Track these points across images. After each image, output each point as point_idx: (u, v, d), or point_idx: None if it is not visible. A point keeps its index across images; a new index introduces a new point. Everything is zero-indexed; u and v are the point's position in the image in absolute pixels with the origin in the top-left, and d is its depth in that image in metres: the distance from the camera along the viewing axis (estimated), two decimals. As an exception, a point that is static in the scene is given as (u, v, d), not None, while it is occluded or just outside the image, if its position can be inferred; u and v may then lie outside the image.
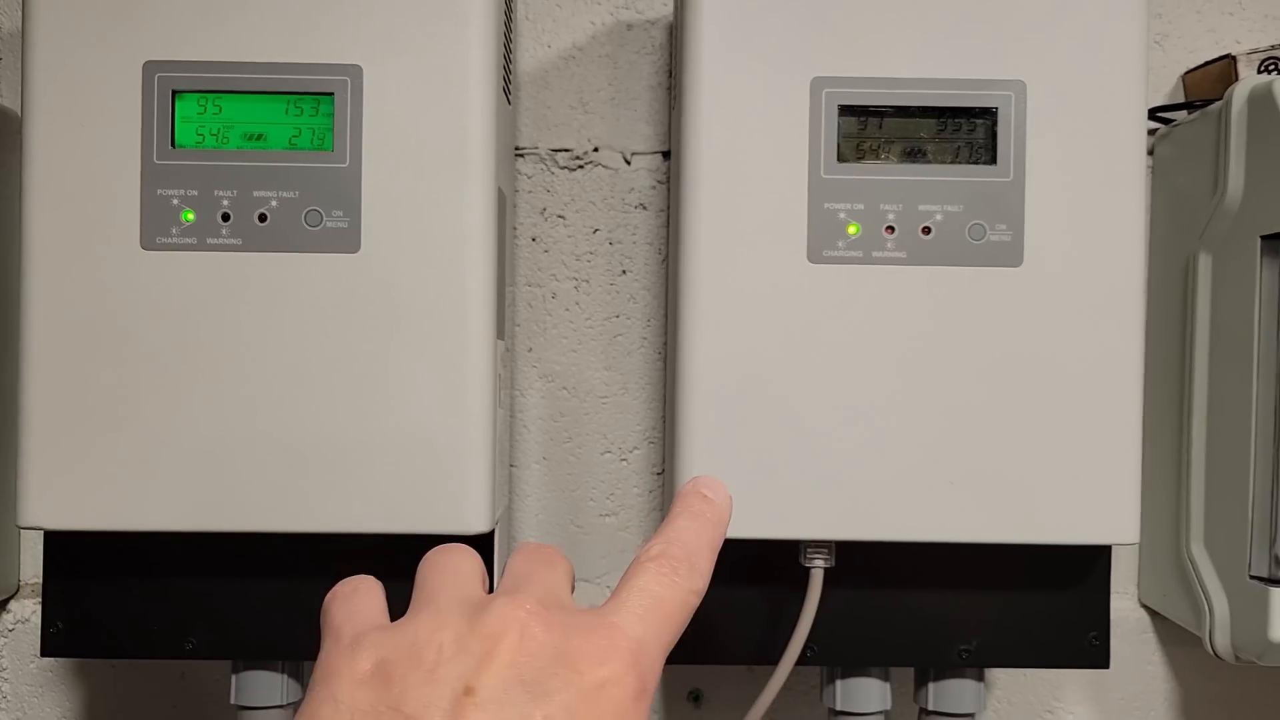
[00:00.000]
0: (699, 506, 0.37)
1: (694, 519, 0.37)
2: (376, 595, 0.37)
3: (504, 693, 0.29)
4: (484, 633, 0.30)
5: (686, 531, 0.36)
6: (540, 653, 0.30)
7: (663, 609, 0.33)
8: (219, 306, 0.56)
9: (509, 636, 0.30)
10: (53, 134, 0.56)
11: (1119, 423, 0.58)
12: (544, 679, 0.29)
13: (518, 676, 0.29)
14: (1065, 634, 0.63)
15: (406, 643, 0.31)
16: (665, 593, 0.33)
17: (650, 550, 0.35)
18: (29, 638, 0.75)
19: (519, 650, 0.30)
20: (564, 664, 0.30)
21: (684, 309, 0.59)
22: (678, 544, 0.35)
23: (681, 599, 0.34)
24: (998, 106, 0.57)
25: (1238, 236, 0.65)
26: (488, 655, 0.30)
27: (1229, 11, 0.77)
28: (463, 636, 0.30)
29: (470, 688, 0.29)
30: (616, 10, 0.76)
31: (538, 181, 0.76)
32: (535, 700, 0.29)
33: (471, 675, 0.29)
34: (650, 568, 0.34)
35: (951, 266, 0.57)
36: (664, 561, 0.34)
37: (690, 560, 0.35)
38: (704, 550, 0.36)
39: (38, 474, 0.56)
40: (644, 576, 0.34)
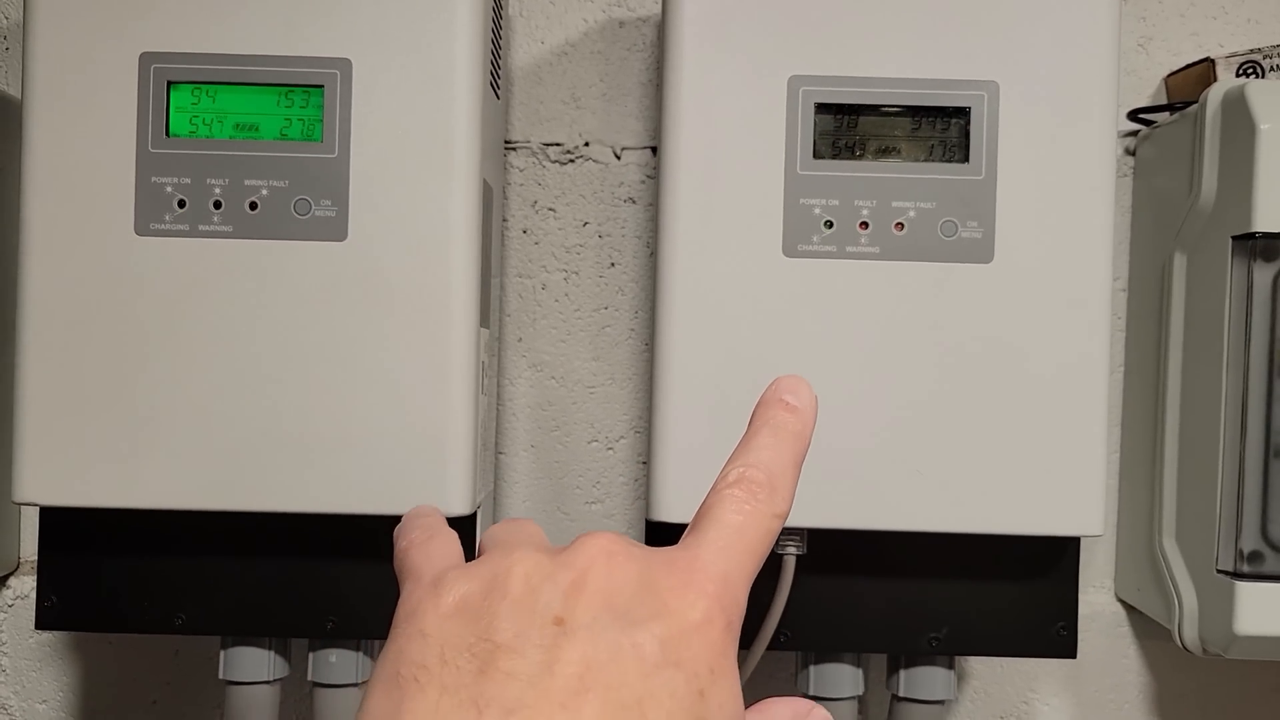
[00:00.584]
0: (781, 416, 0.34)
1: (775, 433, 0.34)
2: (453, 540, 0.35)
3: (594, 620, 0.28)
4: (569, 563, 0.30)
5: (767, 450, 0.33)
6: (628, 582, 0.29)
7: (744, 540, 0.31)
8: (210, 291, 0.58)
9: (596, 566, 0.29)
10: (51, 122, 0.58)
11: (1086, 417, 0.59)
12: (633, 608, 0.28)
13: (606, 604, 0.28)
14: (1034, 624, 0.65)
15: (490, 575, 0.30)
16: (746, 521, 0.31)
17: (728, 476, 0.33)
18: (28, 613, 0.77)
19: (607, 578, 0.29)
20: (652, 596, 0.29)
21: (663, 301, 0.60)
22: (758, 466, 0.33)
23: (764, 525, 0.32)
24: (971, 106, 0.59)
25: (1210, 237, 0.66)
26: (575, 585, 0.29)
27: (1212, 15, 0.78)
28: (547, 568, 0.30)
29: (560, 617, 0.28)
30: (609, 8, 0.78)
31: (529, 175, 0.78)
32: (625, 628, 0.28)
33: (560, 605, 0.28)
34: (728, 496, 0.32)
35: (923, 262, 0.59)
36: (742, 487, 0.32)
37: (771, 483, 0.32)
38: (786, 469, 0.33)
39: (33, 451, 0.58)
40: (722, 507, 0.32)
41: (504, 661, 0.27)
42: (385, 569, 0.54)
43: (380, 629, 0.63)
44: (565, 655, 0.27)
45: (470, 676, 0.27)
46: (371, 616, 0.63)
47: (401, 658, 0.28)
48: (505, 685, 0.27)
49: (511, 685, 0.27)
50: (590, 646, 0.27)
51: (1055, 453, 0.59)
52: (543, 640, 0.27)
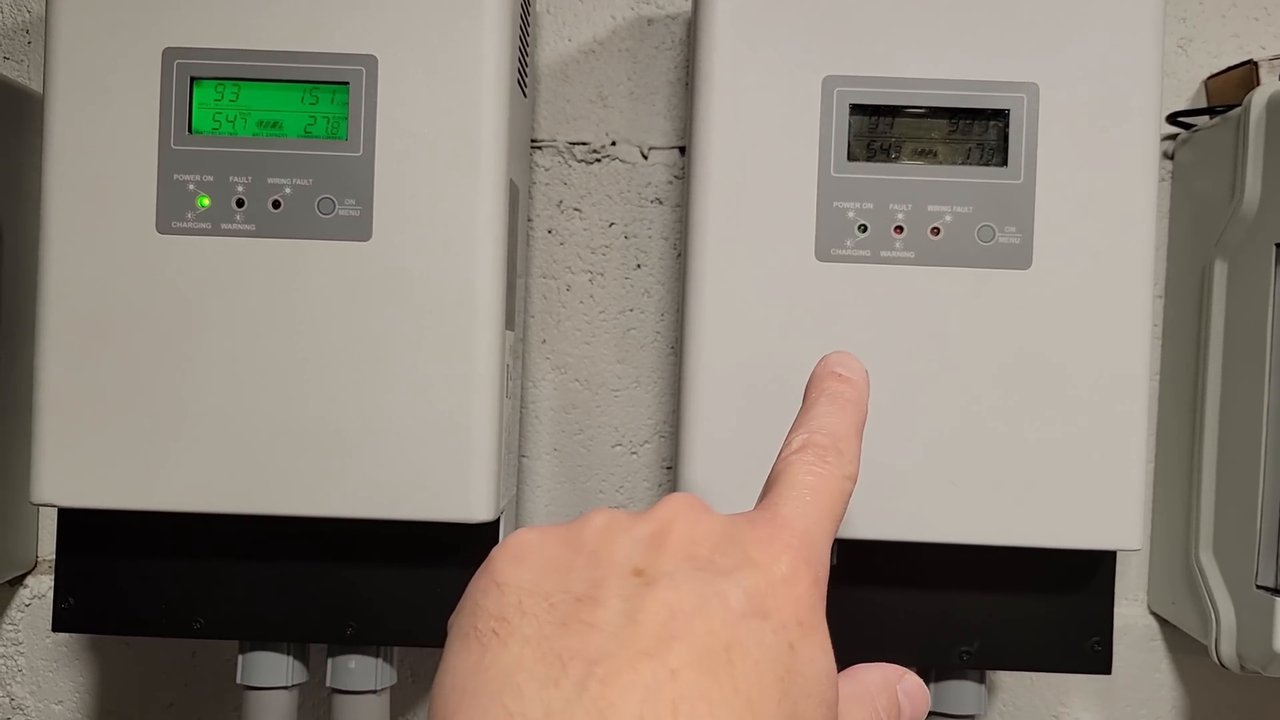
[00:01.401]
0: (835, 387, 0.35)
1: (832, 401, 0.34)
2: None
3: (676, 569, 0.27)
4: (649, 517, 0.29)
5: (827, 416, 0.33)
6: (710, 534, 0.29)
7: (820, 500, 0.31)
8: (231, 291, 0.57)
9: (678, 520, 0.29)
10: (72, 118, 0.57)
11: (1126, 428, 0.58)
12: (716, 558, 0.28)
13: (688, 555, 0.28)
14: (1068, 638, 0.63)
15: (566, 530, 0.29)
16: (819, 483, 0.31)
17: (793, 443, 0.32)
18: (46, 613, 0.76)
19: (689, 530, 0.29)
20: (737, 547, 0.28)
21: (693, 305, 0.59)
22: (820, 431, 0.32)
23: (837, 486, 0.31)
24: (1010, 108, 0.57)
25: (1253, 244, 0.64)
26: (655, 536, 0.28)
27: (1254, 17, 0.76)
28: (627, 522, 0.29)
29: (640, 568, 0.27)
30: (637, 5, 0.76)
31: (555, 174, 0.77)
32: (709, 579, 0.27)
33: (640, 556, 0.28)
34: (796, 460, 0.32)
35: (960, 268, 0.57)
36: (810, 451, 0.32)
37: (837, 447, 0.32)
38: (850, 433, 0.33)
39: (52, 452, 0.57)
40: (792, 470, 0.31)
41: (585, 612, 0.26)
42: (406, 574, 0.53)
43: (401, 635, 0.63)
44: (648, 604, 0.26)
45: (551, 628, 0.26)
46: (392, 622, 0.62)
47: (478, 611, 0.27)
48: (588, 636, 0.26)
49: (594, 636, 0.26)
50: (673, 594, 0.26)
51: (1093, 464, 0.58)
52: (623, 590, 0.27)
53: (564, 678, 0.25)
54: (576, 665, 0.25)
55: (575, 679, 0.25)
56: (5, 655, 0.77)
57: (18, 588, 0.76)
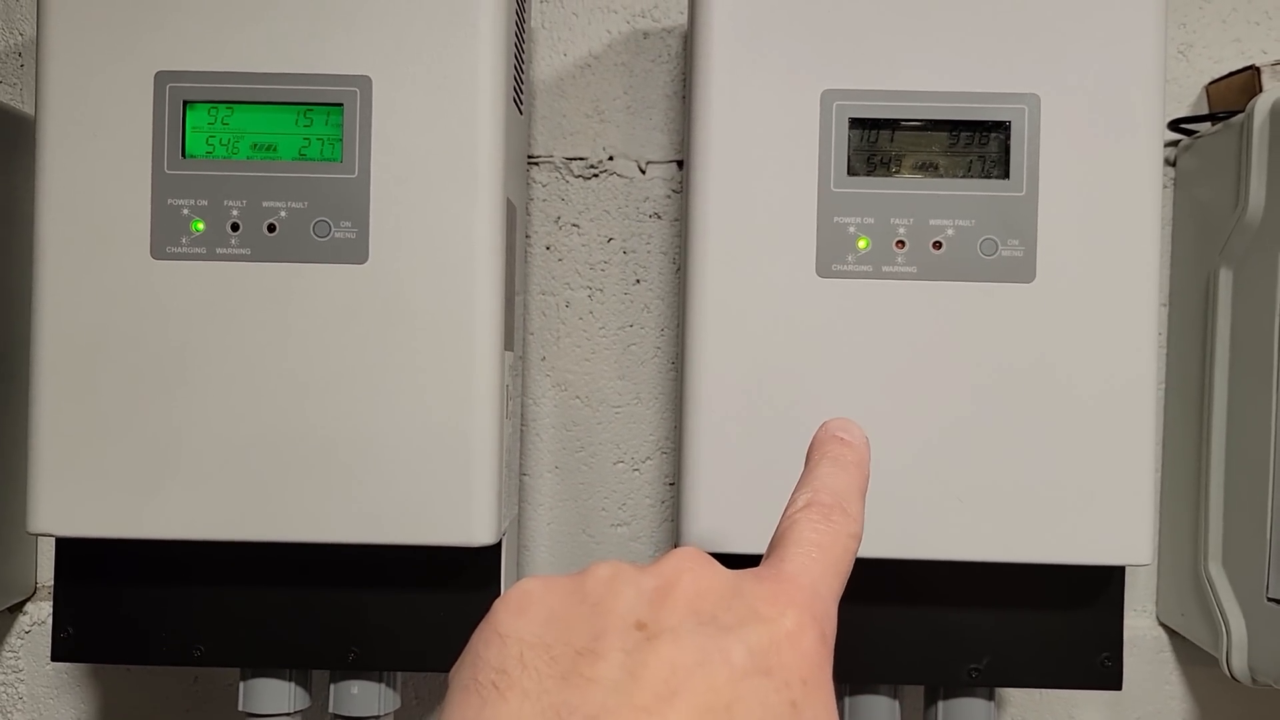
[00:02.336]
0: (837, 451, 0.35)
1: (835, 463, 0.34)
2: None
3: (679, 625, 0.27)
4: (655, 571, 0.29)
5: (831, 478, 0.34)
6: (715, 589, 0.28)
7: (826, 556, 0.31)
8: (228, 316, 0.57)
9: (683, 575, 0.29)
10: (65, 143, 0.57)
11: (1134, 442, 0.57)
12: (720, 614, 0.28)
13: (692, 610, 0.28)
14: (1077, 654, 0.62)
15: (570, 581, 0.29)
16: (825, 540, 0.31)
17: (798, 502, 0.33)
18: (46, 640, 0.75)
19: (694, 585, 0.28)
20: (742, 603, 0.28)
21: (693, 320, 0.58)
22: (825, 491, 0.33)
23: (843, 544, 0.31)
24: (1011, 120, 0.57)
25: (1258, 251, 0.63)
26: (659, 590, 0.28)
27: (1255, 21, 0.75)
28: (632, 575, 0.29)
29: (643, 622, 0.27)
30: (633, 19, 0.76)
31: (552, 190, 0.76)
32: (712, 635, 0.27)
33: (644, 610, 0.28)
34: (802, 518, 0.32)
35: (963, 282, 0.57)
36: (815, 509, 0.32)
37: (841, 505, 0.32)
38: (854, 494, 0.33)
39: (47, 481, 0.57)
40: (799, 527, 0.31)
41: (586, 667, 0.26)
42: (408, 598, 0.52)
43: (403, 660, 0.62)
44: (649, 660, 0.26)
45: (551, 681, 0.26)
46: (394, 648, 0.62)
47: (479, 663, 0.27)
48: (588, 691, 0.26)
49: (594, 691, 0.26)
50: (675, 650, 0.26)
51: (1100, 479, 0.57)
52: (625, 645, 0.27)
53: None
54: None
55: None
56: (5, 682, 0.76)
57: (17, 614, 0.76)
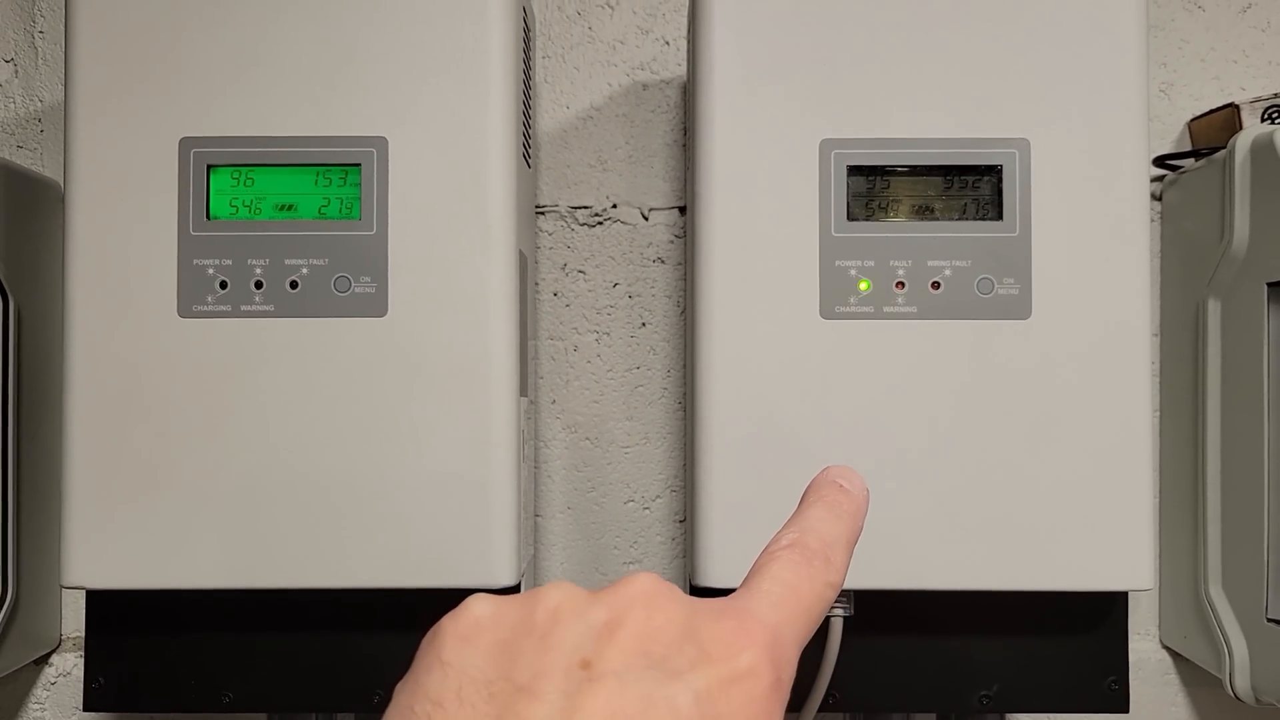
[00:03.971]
0: (834, 497, 0.34)
1: (829, 510, 0.33)
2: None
3: (625, 667, 0.26)
4: (607, 602, 0.28)
5: (821, 522, 0.32)
6: (668, 629, 0.27)
7: (798, 599, 0.30)
8: (253, 370, 0.59)
9: (635, 609, 0.27)
10: (93, 207, 0.59)
11: (1131, 471, 0.59)
12: (671, 656, 0.26)
13: (641, 650, 0.26)
14: (1084, 678, 0.64)
15: (520, 608, 0.28)
16: (800, 583, 0.30)
17: (782, 540, 0.31)
18: (70, 690, 0.77)
19: (645, 623, 0.27)
20: (694, 644, 0.27)
21: (701, 364, 0.60)
22: (813, 534, 0.32)
23: (818, 591, 0.30)
24: (1002, 164, 0.59)
25: (1245, 283, 0.66)
26: (609, 626, 0.27)
27: (1233, 59, 0.78)
28: (582, 606, 0.28)
29: (588, 660, 0.26)
30: (632, 72, 0.79)
31: (558, 238, 0.78)
32: (660, 680, 0.26)
33: (590, 647, 0.26)
34: (783, 556, 0.31)
35: (961, 320, 0.59)
36: (798, 551, 0.31)
37: (826, 553, 0.31)
38: (840, 543, 0.32)
39: (80, 535, 0.59)
40: (776, 564, 0.30)
41: (522, 707, 0.25)
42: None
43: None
44: (587, 704, 0.25)
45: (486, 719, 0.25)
46: (418, 689, 0.63)
47: (418, 691, 0.27)
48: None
49: None
50: (618, 697, 0.25)
51: (1101, 507, 0.59)
52: (566, 685, 0.25)
53: None
54: None
55: None
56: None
57: (43, 666, 0.77)
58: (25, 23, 0.78)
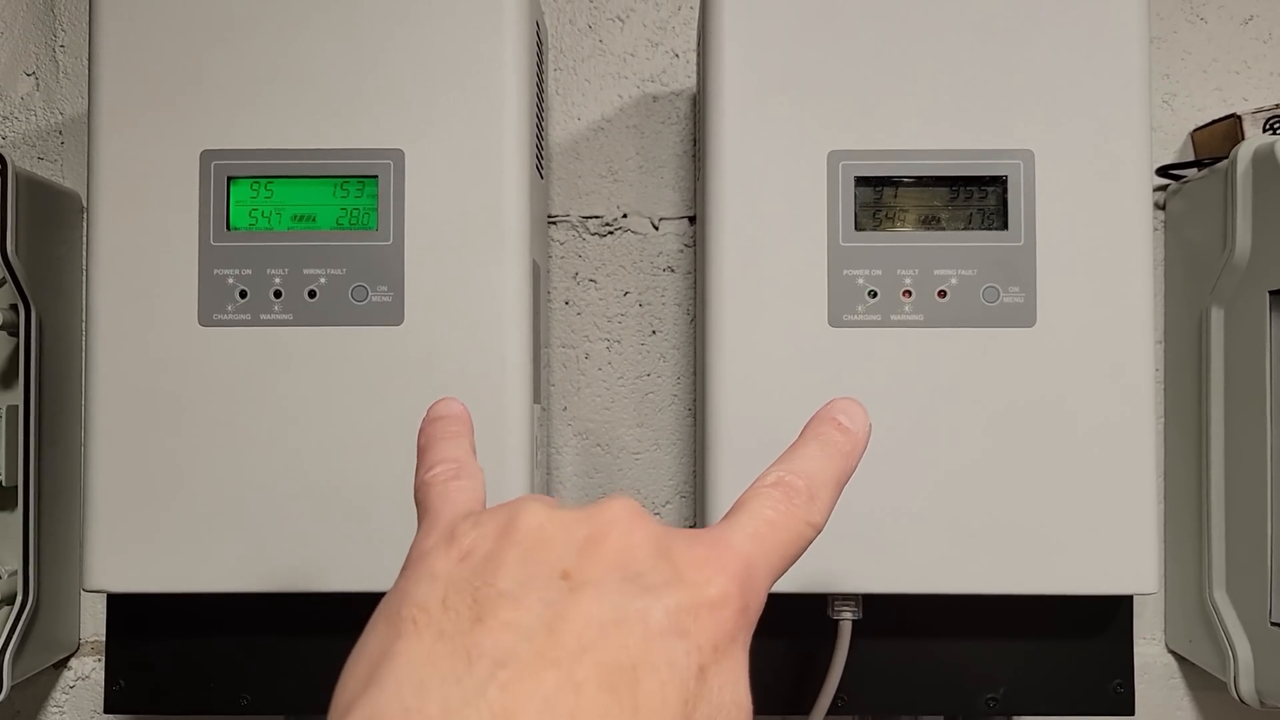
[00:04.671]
0: (831, 434, 0.34)
1: (823, 447, 0.33)
2: (477, 482, 0.34)
3: (603, 579, 0.27)
4: (589, 520, 0.29)
5: (811, 461, 0.33)
6: (644, 546, 0.28)
7: (775, 534, 0.30)
8: (272, 378, 0.60)
9: (615, 527, 0.28)
10: (117, 218, 0.60)
11: (1136, 476, 0.60)
12: (646, 573, 0.27)
13: (619, 564, 0.27)
14: (1090, 682, 0.65)
15: (506, 521, 0.29)
16: (779, 519, 0.30)
17: (767, 477, 0.32)
18: (89, 694, 0.78)
19: (624, 540, 0.28)
20: (668, 564, 0.28)
21: (712, 371, 0.61)
22: (799, 474, 0.32)
23: (797, 529, 0.31)
24: (1007, 175, 0.60)
25: (1247, 291, 0.67)
26: (590, 540, 0.28)
27: (1234, 70, 0.79)
28: (565, 522, 0.29)
29: (568, 571, 0.27)
30: (642, 84, 0.80)
31: (570, 247, 0.80)
32: (634, 594, 0.27)
33: (571, 560, 0.27)
34: (765, 493, 0.31)
35: (967, 328, 0.60)
36: (781, 489, 0.31)
37: (810, 491, 0.32)
38: (828, 483, 0.32)
39: (103, 540, 0.60)
40: (758, 501, 0.31)
41: (504, 611, 0.26)
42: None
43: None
44: (567, 612, 0.26)
45: (468, 623, 0.26)
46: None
47: (405, 597, 0.28)
48: (500, 636, 0.26)
49: (506, 636, 0.26)
50: (595, 605, 0.26)
51: (1106, 512, 0.60)
52: (546, 593, 0.27)
53: (468, 676, 0.25)
54: (483, 665, 0.25)
55: (479, 679, 0.25)
56: (49, 738, 0.78)
57: (62, 670, 0.78)
58: (46, 37, 0.80)
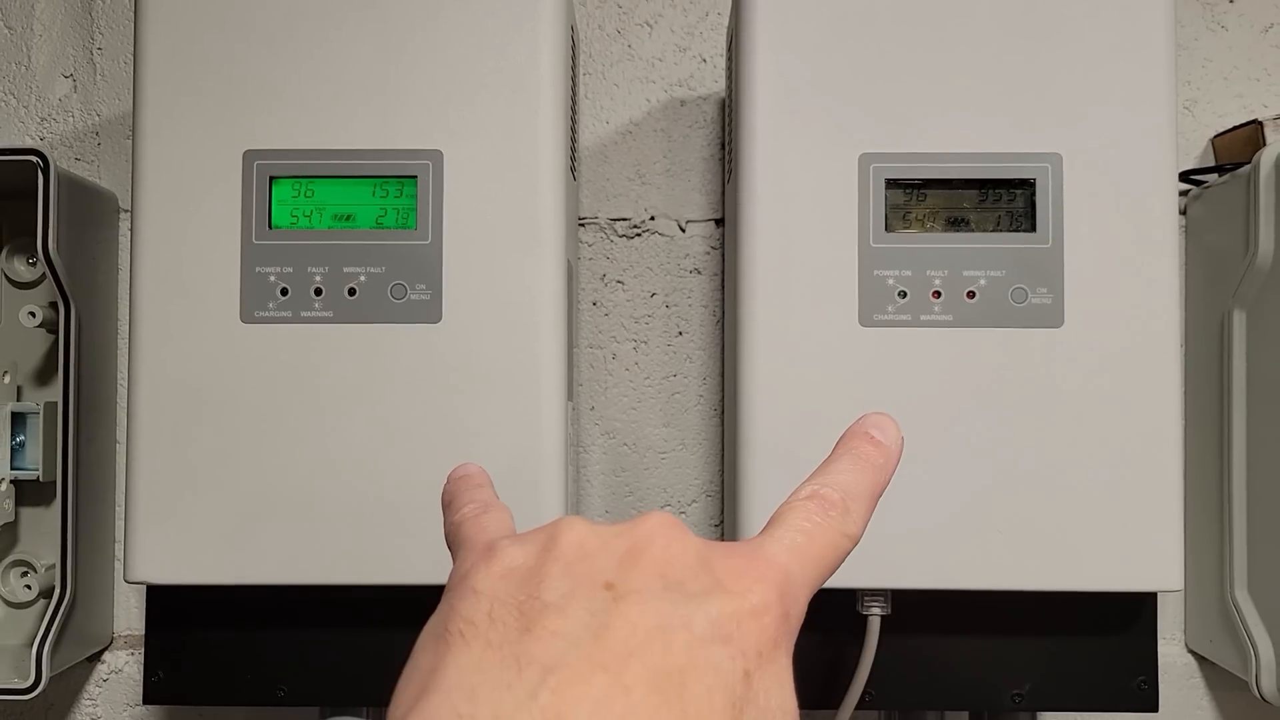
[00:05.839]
0: (864, 448, 0.34)
1: (856, 461, 0.34)
2: (506, 514, 0.35)
3: (646, 588, 0.28)
4: (629, 534, 0.29)
5: (845, 474, 0.33)
6: (684, 557, 0.29)
7: (812, 546, 0.31)
8: (312, 374, 0.61)
9: (655, 539, 0.29)
10: (161, 217, 0.61)
11: (1161, 474, 0.61)
12: (687, 581, 0.28)
13: (659, 574, 0.28)
14: (1115, 678, 0.66)
15: (546, 539, 0.30)
16: (816, 531, 0.31)
17: (801, 491, 0.33)
18: (122, 687, 0.79)
19: (664, 551, 0.29)
20: (708, 573, 0.29)
21: (743, 370, 0.62)
22: (833, 487, 0.33)
23: (833, 540, 0.31)
24: (1036, 177, 0.61)
25: (1269, 295, 0.68)
26: (630, 553, 0.29)
27: (1255, 78, 0.80)
28: (605, 537, 0.30)
29: (611, 583, 0.28)
30: (670, 88, 0.81)
31: (598, 249, 0.81)
32: (677, 601, 0.27)
33: (613, 571, 0.28)
34: (801, 506, 0.32)
35: (996, 328, 0.61)
36: (816, 501, 0.32)
37: (845, 504, 0.32)
38: (862, 496, 0.33)
39: (144, 532, 0.61)
40: (794, 514, 0.32)
41: (550, 621, 0.27)
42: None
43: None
44: (612, 620, 0.27)
45: (515, 633, 0.27)
46: (466, 684, 0.65)
47: (451, 614, 0.28)
48: (549, 644, 0.26)
49: (555, 644, 0.26)
50: (639, 611, 0.27)
51: (1131, 510, 0.60)
52: (591, 603, 0.27)
53: (518, 682, 0.25)
54: (533, 671, 0.26)
55: (529, 684, 0.25)
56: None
57: (95, 663, 0.79)
58: (84, 40, 0.81)
